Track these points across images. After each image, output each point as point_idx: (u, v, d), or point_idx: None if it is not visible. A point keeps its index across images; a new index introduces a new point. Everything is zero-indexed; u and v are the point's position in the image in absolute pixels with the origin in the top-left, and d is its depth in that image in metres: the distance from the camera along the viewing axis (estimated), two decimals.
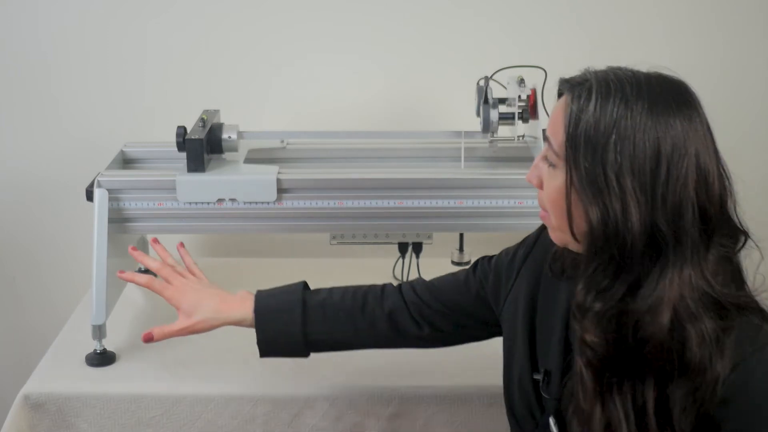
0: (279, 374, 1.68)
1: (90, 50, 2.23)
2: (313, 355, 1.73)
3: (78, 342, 1.76)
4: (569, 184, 1.11)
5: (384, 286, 1.50)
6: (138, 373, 1.68)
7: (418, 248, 1.94)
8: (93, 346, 1.72)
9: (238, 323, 1.47)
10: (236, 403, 1.63)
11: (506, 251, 1.44)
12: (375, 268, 2.09)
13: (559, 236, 1.18)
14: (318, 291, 1.50)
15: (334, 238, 1.86)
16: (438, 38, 2.23)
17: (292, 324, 1.45)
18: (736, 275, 1.18)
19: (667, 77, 1.16)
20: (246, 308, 1.47)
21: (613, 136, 1.08)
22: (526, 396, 1.32)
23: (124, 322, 1.86)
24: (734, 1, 2.21)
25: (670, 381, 1.11)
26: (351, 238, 1.86)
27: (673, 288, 1.09)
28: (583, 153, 1.09)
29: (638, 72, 1.15)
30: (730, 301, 1.12)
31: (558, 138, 1.13)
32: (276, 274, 2.09)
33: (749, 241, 1.22)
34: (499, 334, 1.43)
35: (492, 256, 1.46)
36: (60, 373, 1.69)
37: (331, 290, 1.50)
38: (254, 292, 1.49)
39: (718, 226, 1.16)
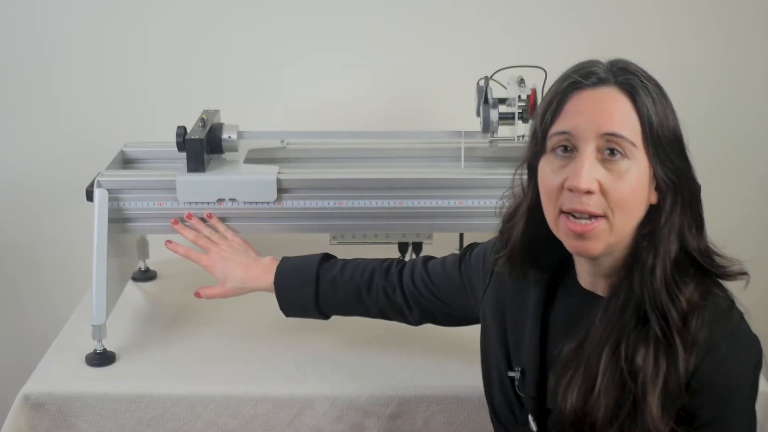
0: (279, 374, 1.68)
1: (90, 50, 2.23)
2: (312, 355, 1.74)
3: (78, 342, 1.76)
4: (654, 173, 1.15)
5: (390, 266, 1.60)
6: (138, 373, 1.68)
7: (418, 248, 1.93)
8: (93, 346, 1.72)
9: (263, 290, 1.66)
10: (236, 403, 1.63)
11: (480, 250, 1.46)
12: None
13: (612, 241, 1.16)
14: (334, 265, 1.62)
15: (334, 238, 1.86)
16: (438, 38, 2.23)
17: (306, 299, 1.61)
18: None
19: None
20: (267, 280, 1.64)
21: (677, 126, 1.18)
22: (505, 394, 1.34)
23: (124, 322, 1.86)
24: (734, 1, 2.21)
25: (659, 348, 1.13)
26: (351, 238, 1.86)
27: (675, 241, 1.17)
28: (668, 146, 1.15)
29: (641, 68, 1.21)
30: (714, 265, 1.17)
31: (628, 130, 1.13)
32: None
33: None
34: (474, 323, 1.49)
35: (474, 248, 1.49)
36: (60, 373, 1.68)
37: (344, 267, 1.61)
38: (279, 261, 1.66)
39: None
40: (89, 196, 1.73)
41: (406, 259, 1.96)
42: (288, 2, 2.20)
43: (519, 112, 1.82)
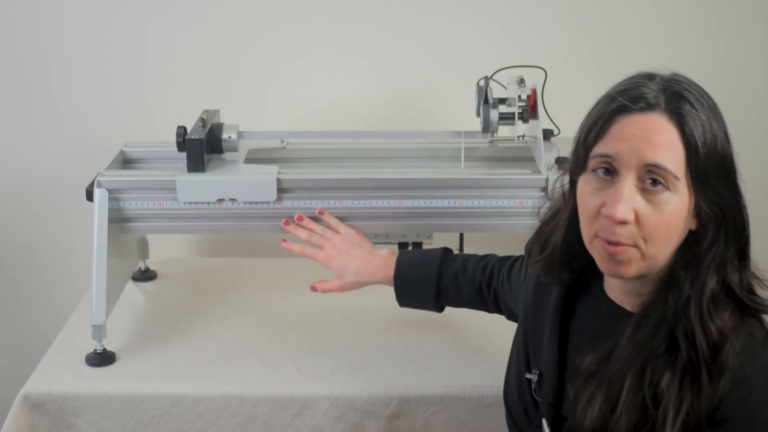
0: (279, 374, 1.68)
1: (90, 50, 2.23)
2: (312, 355, 1.74)
3: (78, 342, 1.76)
4: (695, 206, 1.13)
5: (505, 262, 1.59)
6: (138, 373, 1.68)
7: (418, 248, 1.93)
8: (93, 346, 1.72)
9: (381, 283, 1.67)
10: (236, 403, 1.63)
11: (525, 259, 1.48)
12: None
13: (645, 266, 1.14)
14: (454, 261, 1.63)
15: None
16: (438, 38, 2.23)
17: (426, 295, 1.63)
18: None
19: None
20: (386, 274, 1.65)
21: (728, 152, 1.16)
22: (522, 394, 1.33)
23: (124, 322, 1.86)
24: (734, 1, 2.21)
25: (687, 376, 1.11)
26: None
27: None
28: (714, 177, 1.13)
29: (694, 82, 1.19)
30: (755, 301, 1.15)
31: (672, 162, 1.10)
32: (276, 274, 2.10)
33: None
34: None
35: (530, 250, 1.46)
36: (60, 373, 1.68)
37: (465, 263, 1.62)
38: (398, 255, 1.66)
39: None
40: (89, 196, 1.73)
41: None
42: (288, 2, 2.20)
43: (519, 112, 1.82)
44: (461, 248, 1.93)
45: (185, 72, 2.24)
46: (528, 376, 1.31)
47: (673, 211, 1.12)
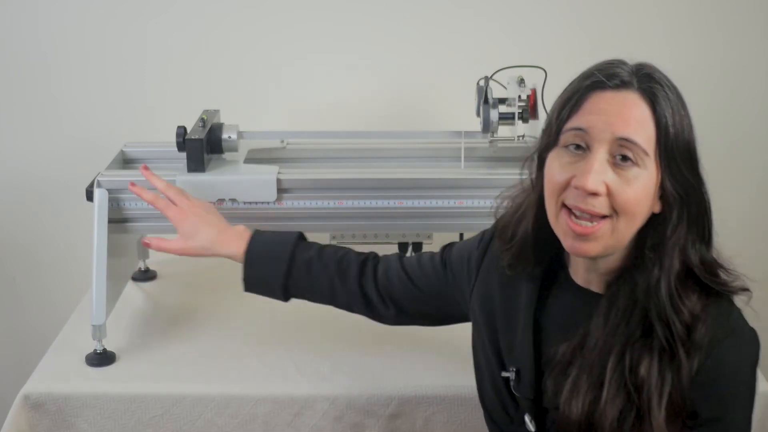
0: (279, 374, 1.68)
1: (90, 50, 2.23)
2: (313, 355, 1.74)
3: (78, 342, 1.76)
4: (660, 186, 1.15)
5: (366, 259, 1.55)
6: (138, 373, 1.68)
7: (418, 248, 1.93)
8: (93, 346, 1.72)
9: (229, 257, 1.58)
10: (236, 403, 1.63)
11: (461, 250, 1.45)
12: None
13: (611, 244, 1.16)
14: (310, 246, 1.56)
15: (334, 238, 1.86)
16: (438, 38, 2.23)
17: (276, 274, 1.54)
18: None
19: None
20: (239, 247, 1.56)
21: (693, 139, 1.17)
22: (499, 394, 1.33)
23: (124, 322, 1.86)
24: (734, 1, 2.21)
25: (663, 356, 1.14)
26: (351, 238, 1.86)
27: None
28: (680, 159, 1.15)
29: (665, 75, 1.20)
30: (717, 283, 1.17)
31: (643, 138, 1.13)
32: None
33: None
34: (463, 321, 1.48)
35: (453, 247, 1.48)
36: (60, 373, 1.68)
37: (321, 250, 1.56)
38: (252, 231, 1.58)
39: None
40: (89, 196, 1.73)
41: None
42: (288, 2, 2.20)
43: (519, 112, 1.82)
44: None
45: (185, 72, 2.24)
46: (504, 374, 1.31)
47: (642, 187, 1.14)
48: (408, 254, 1.93)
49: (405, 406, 1.63)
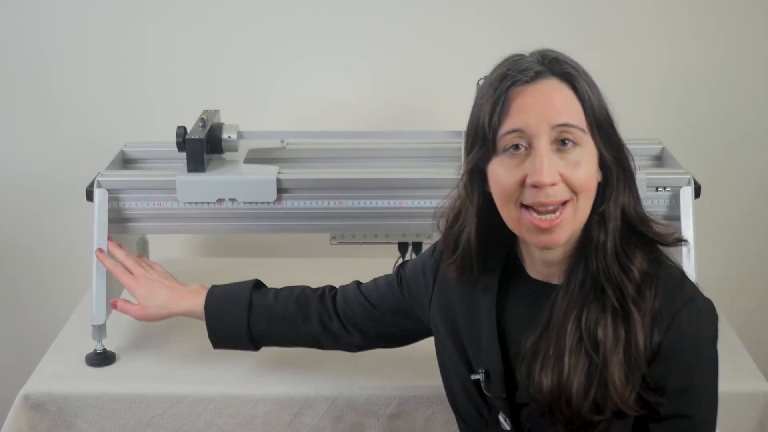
0: (279, 374, 1.68)
1: (90, 50, 2.23)
2: (313, 354, 1.73)
3: (78, 342, 1.76)
4: (599, 157, 1.18)
5: (323, 293, 1.56)
6: (138, 373, 1.69)
7: (418, 248, 1.93)
8: (93, 346, 1.72)
9: (188, 314, 1.59)
10: (236, 403, 1.63)
11: (415, 264, 1.46)
12: (375, 268, 2.08)
13: (575, 226, 1.18)
14: (266, 293, 1.57)
15: (334, 238, 1.86)
16: (438, 38, 2.23)
17: (238, 326, 1.55)
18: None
19: None
20: (195, 301, 1.57)
21: (608, 107, 1.20)
22: (471, 398, 1.33)
23: (124, 322, 1.85)
24: (734, 1, 2.21)
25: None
26: (351, 238, 1.86)
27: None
28: (606, 126, 1.19)
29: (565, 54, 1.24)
30: (655, 233, 1.21)
31: (575, 118, 1.16)
32: (276, 274, 2.10)
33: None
34: (427, 336, 1.48)
35: (407, 265, 1.49)
36: (60, 373, 1.69)
37: (277, 294, 1.57)
38: (208, 287, 1.60)
39: None
40: (89, 196, 1.73)
41: (405, 258, 1.96)
42: (288, 2, 2.20)
43: None
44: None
45: (185, 72, 2.24)
46: (474, 377, 1.31)
47: (589, 163, 1.17)
48: (408, 255, 1.94)
49: (405, 406, 1.63)
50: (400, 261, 1.97)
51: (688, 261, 1.60)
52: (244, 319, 1.54)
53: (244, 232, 1.76)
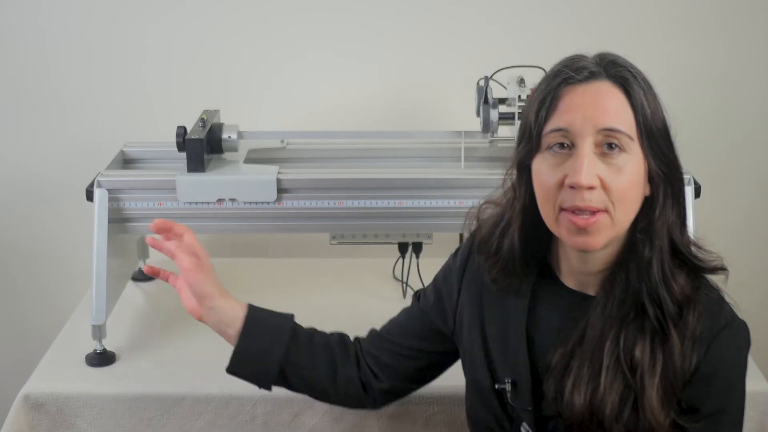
0: None
1: (90, 50, 2.23)
2: None
3: (78, 342, 1.76)
4: (648, 169, 1.16)
5: (355, 339, 1.46)
6: (138, 373, 1.68)
7: (418, 248, 1.94)
8: (93, 346, 1.72)
9: (227, 324, 1.36)
10: (236, 403, 1.63)
11: (436, 279, 1.42)
12: (375, 268, 2.09)
13: (613, 234, 1.16)
14: (304, 328, 1.43)
15: (334, 238, 1.86)
16: (438, 38, 2.23)
17: (278, 344, 1.37)
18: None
19: None
20: (239, 310, 1.37)
21: (666, 117, 1.18)
22: (491, 409, 1.31)
23: (124, 322, 1.86)
24: (734, 1, 2.21)
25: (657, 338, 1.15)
26: (351, 238, 1.86)
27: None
28: (660, 138, 1.16)
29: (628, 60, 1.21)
30: (699, 260, 1.19)
31: (624, 124, 1.13)
32: (276, 274, 2.10)
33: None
34: (454, 361, 1.43)
35: (427, 286, 1.45)
36: (60, 373, 1.69)
37: (314, 332, 1.43)
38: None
39: None
40: (89, 196, 1.73)
41: (405, 258, 1.96)
42: (288, 3, 2.20)
43: (519, 112, 1.82)
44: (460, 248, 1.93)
45: (185, 72, 2.24)
46: (499, 386, 1.29)
47: (633, 172, 1.14)
48: (408, 255, 1.94)
49: (405, 406, 1.62)
50: (399, 259, 1.97)
51: None
52: (285, 341, 1.37)
53: (244, 232, 1.76)
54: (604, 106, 1.14)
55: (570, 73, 1.15)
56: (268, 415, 1.63)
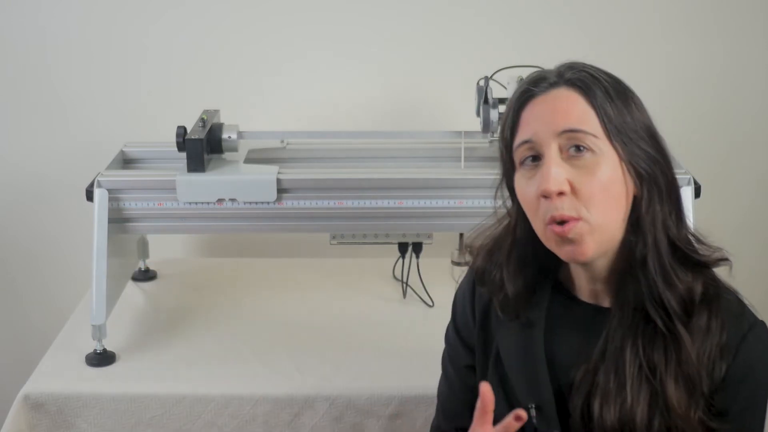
0: (279, 374, 1.68)
1: (91, 50, 2.23)
2: (313, 355, 1.74)
3: (78, 342, 1.76)
4: (627, 167, 1.14)
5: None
6: (138, 373, 1.68)
7: (418, 248, 1.94)
8: (93, 346, 1.72)
9: None
10: (236, 403, 1.63)
11: (453, 317, 1.36)
12: (375, 268, 2.09)
13: (602, 239, 1.14)
14: None
15: (334, 238, 1.86)
16: (438, 38, 2.23)
17: None
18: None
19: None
20: None
21: (645, 115, 1.17)
22: None
23: (124, 322, 1.86)
24: (734, 1, 2.21)
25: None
26: (351, 238, 1.86)
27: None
28: (635, 136, 1.14)
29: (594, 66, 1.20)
30: (700, 254, 1.17)
31: (585, 123, 1.13)
32: (276, 274, 2.10)
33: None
34: None
35: (443, 353, 1.38)
36: (60, 373, 1.69)
37: None
38: None
39: None
40: (89, 196, 1.73)
41: (405, 258, 1.96)
42: (288, 3, 2.20)
43: None
44: (461, 248, 1.93)
45: (185, 72, 2.24)
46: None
47: (605, 172, 1.13)
48: (408, 255, 1.93)
49: (405, 406, 1.62)
50: (399, 259, 1.97)
51: None
52: None
53: (244, 232, 1.76)
54: (562, 109, 1.14)
55: (530, 88, 1.17)
56: (268, 415, 1.63)
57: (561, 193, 1.11)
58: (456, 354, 1.35)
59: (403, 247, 1.95)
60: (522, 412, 1.11)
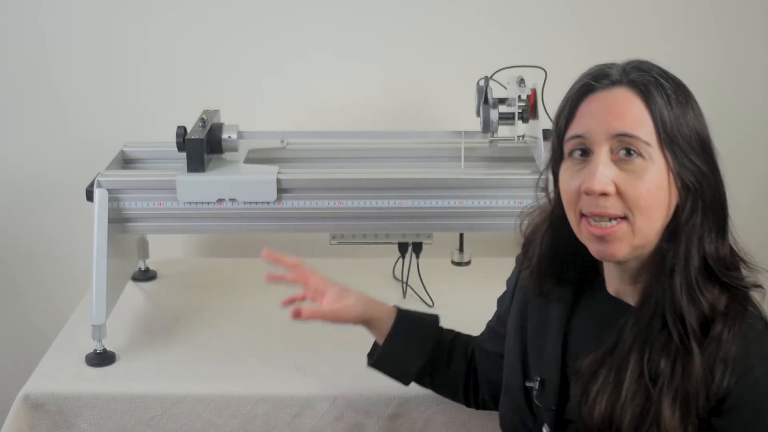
0: (279, 374, 1.68)
1: (91, 50, 2.23)
2: (313, 355, 1.74)
3: (78, 342, 1.76)
4: (674, 177, 1.13)
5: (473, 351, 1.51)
6: (138, 373, 1.68)
7: (418, 248, 1.94)
8: (93, 346, 1.72)
9: (376, 321, 1.48)
10: (236, 403, 1.63)
11: (507, 283, 1.45)
12: (375, 268, 2.09)
13: (637, 243, 1.14)
14: (448, 332, 1.53)
15: (334, 238, 1.86)
16: (438, 38, 2.23)
17: (421, 352, 1.48)
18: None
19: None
20: (389, 311, 1.49)
21: (701, 126, 1.19)
22: (517, 406, 1.32)
23: (124, 322, 1.86)
24: (734, 1, 2.21)
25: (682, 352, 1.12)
26: (351, 238, 1.86)
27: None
28: (687, 147, 1.14)
29: (658, 66, 1.20)
30: (728, 276, 1.15)
31: (640, 129, 1.12)
32: (276, 274, 2.10)
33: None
34: None
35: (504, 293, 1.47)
36: (60, 373, 1.69)
37: (455, 337, 1.52)
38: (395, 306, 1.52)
39: None
40: (89, 196, 1.73)
41: (405, 258, 1.96)
42: (288, 3, 2.20)
43: (519, 112, 1.82)
44: (461, 248, 1.93)
45: (185, 72, 2.24)
46: (528, 384, 1.30)
47: (652, 179, 1.13)
48: (408, 255, 1.93)
49: (405, 406, 1.63)
50: (399, 259, 1.97)
51: None
52: (427, 350, 1.48)
53: (244, 232, 1.76)
54: (620, 111, 1.13)
55: (590, 82, 1.16)
56: (268, 415, 1.63)
57: (604, 194, 1.12)
58: (497, 317, 1.46)
59: (403, 247, 1.94)
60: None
